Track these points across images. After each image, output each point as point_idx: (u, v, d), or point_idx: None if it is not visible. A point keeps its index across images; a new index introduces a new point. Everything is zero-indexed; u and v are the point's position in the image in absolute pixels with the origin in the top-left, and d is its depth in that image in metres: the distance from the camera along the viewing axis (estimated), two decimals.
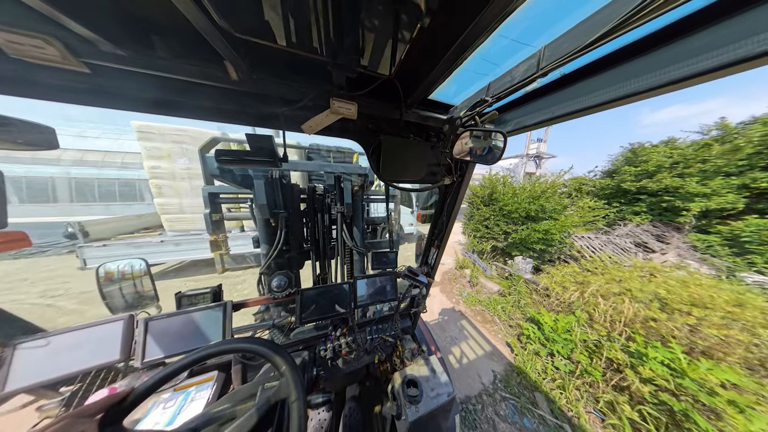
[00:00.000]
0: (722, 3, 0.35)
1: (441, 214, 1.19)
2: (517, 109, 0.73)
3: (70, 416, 0.36)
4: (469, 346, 3.01)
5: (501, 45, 0.56)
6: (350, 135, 0.79)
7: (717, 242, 5.87)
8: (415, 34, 0.43)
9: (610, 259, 4.73)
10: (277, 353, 0.51)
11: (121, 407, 0.41)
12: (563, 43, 0.50)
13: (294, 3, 0.36)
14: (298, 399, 0.47)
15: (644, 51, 0.44)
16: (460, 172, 0.99)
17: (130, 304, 1.01)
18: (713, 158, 6.37)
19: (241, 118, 0.67)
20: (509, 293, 4.09)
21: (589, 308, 2.97)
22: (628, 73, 0.46)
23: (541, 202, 4.89)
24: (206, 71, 0.53)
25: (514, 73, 0.62)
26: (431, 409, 0.92)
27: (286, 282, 1.20)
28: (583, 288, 3.28)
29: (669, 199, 6.46)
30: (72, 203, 7.86)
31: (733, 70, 0.36)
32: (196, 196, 4.63)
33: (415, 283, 1.25)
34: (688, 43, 0.39)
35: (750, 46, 0.33)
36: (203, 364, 1.04)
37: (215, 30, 0.40)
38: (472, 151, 0.78)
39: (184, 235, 4.62)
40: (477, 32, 0.43)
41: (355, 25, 0.40)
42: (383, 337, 1.31)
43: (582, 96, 0.55)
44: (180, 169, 4.63)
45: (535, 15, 0.49)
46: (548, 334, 2.78)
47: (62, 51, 0.42)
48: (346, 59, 0.47)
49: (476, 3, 0.38)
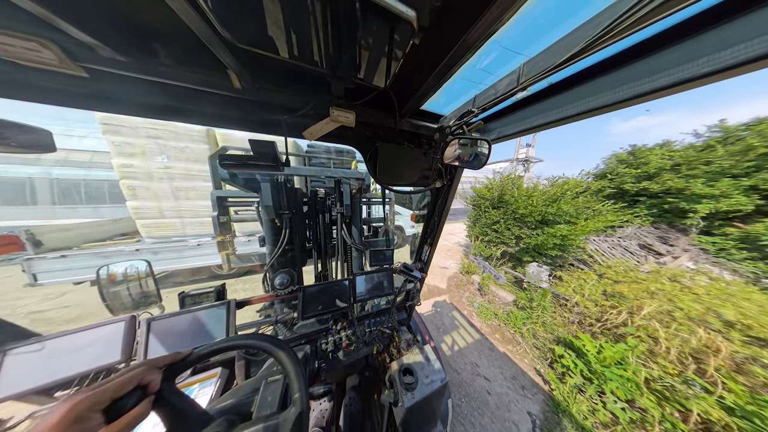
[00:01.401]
0: (677, 27, 0.37)
1: (433, 214, 1.20)
2: (500, 119, 0.75)
3: (145, 364, 0.40)
4: (496, 378, 2.23)
5: (485, 61, 0.57)
6: (349, 141, 0.79)
7: (732, 245, 5.01)
8: (407, 50, 0.43)
9: (626, 264, 3.82)
10: (281, 348, 0.50)
11: (179, 366, 0.43)
12: (540, 61, 0.51)
13: (295, 19, 0.36)
14: (300, 390, 0.46)
15: (610, 69, 0.46)
16: (449, 176, 1.00)
17: (133, 305, 0.95)
18: (719, 159, 5.57)
19: (245, 124, 0.65)
20: (529, 306, 3.21)
21: (641, 332, 2.15)
22: (597, 87, 0.48)
23: (560, 204, 4.13)
24: (209, 79, 0.51)
25: (497, 86, 0.63)
26: (426, 395, 0.91)
27: (288, 280, 1.18)
28: (619, 303, 2.50)
29: (672, 200, 5.70)
30: (54, 206, 5.95)
31: (688, 86, 0.38)
32: (178, 198, 3.73)
33: (410, 278, 1.25)
34: (644, 63, 0.41)
35: (697, 67, 0.35)
36: (206, 361, 1.00)
37: (219, 40, 0.39)
38: (460, 157, 0.79)
39: (164, 242, 3.71)
40: (464, 49, 0.44)
41: (353, 42, 0.40)
42: (381, 329, 1.29)
43: (558, 108, 0.56)
44: (158, 169, 3.56)
45: (516, 35, 0.50)
46: (594, 367, 2.03)
47: (59, 55, 0.39)
48: (344, 72, 0.47)
49: (463, 23, 0.39)
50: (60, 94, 0.48)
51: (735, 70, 0.33)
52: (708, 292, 2.47)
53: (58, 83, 0.46)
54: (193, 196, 3.76)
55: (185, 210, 3.77)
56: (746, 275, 4.44)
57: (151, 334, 0.82)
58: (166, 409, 0.40)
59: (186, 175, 3.68)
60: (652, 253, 5.09)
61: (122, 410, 0.34)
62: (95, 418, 0.31)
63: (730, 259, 4.91)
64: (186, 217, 3.79)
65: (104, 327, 0.79)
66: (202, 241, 3.79)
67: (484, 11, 0.35)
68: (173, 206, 3.75)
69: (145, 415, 0.36)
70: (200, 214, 3.82)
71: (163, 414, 0.40)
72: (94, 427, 0.31)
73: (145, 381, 0.38)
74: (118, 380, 0.35)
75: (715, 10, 0.33)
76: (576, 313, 2.89)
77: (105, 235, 4.34)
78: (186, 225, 3.83)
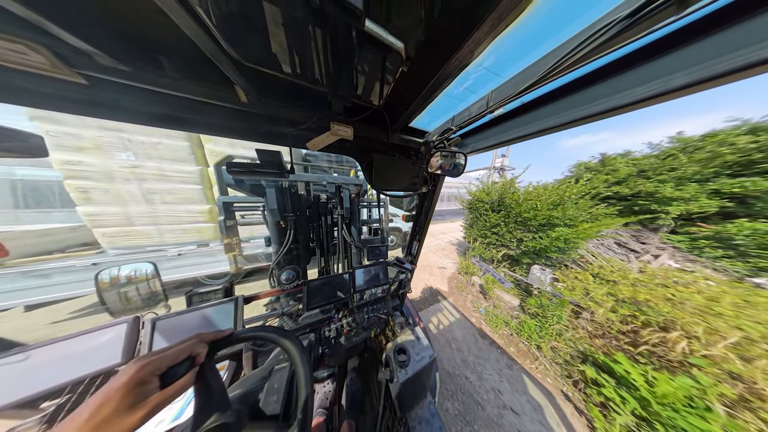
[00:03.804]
0: (611, 65, 0.41)
1: (420, 215, 1.23)
2: (474, 136, 0.79)
3: (196, 337, 0.38)
4: (524, 409, 1.68)
5: (461, 88, 0.60)
6: (347, 152, 0.78)
7: (705, 244, 4.74)
8: (397, 76, 0.44)
9: (615, 264, 3.25)
10: (287, 338, 0.48)
11: (222, 343, 0.41)
12: (504, 89, 0.55)
13: (298, 42, 0.35)
14: (305, 377, 0.44)
15: (559, 97, 0.50)
16: (433, 183, 1.04)
17: (138, 307, 0.85)
18: (684, 166, 5.60)
19: (251, 135, 0.62)
20: (543, 315, 2.58)
21: (712, 367, 1.36)
22: (549, 111, 0.53)
23: (566, 207, 3.65)
24: (216, 93, 0.48)
25: (471, 109, 0.67)
26: (417, 371, 0.92)
27: (294, 275, 1.14)
28: (641, 313, 1.85)
29: (643, 203, 5.51)
30: (17, 209, 3.66)
31: (625, 110, 0.41)
32: (152, 202, 2.80)
33: (402, 270, 1.27)
34: (588, 92, 0.46)
35: (641, 91, 0.38)
36: (215, 354, 0.93)
37: (225, 57, 0.37)
38: (442, 167, 0.82)
39: (135, 253, 2.75)
40: (444, 77, 0.45)
41: (350, 66, 0.40)
42: (378, 315, 1.29)
43: (522, 126, 0.60)
44: (121, 168, 2.63)
45: (486, 66, 0.53)
46: (656, 409, 1.29)
47: (51, 59, 0.34)
48: (343, 91, 0.47)
49: (443, 55, 0.40)
50: (57, 99, 0.42)
51: (655, 99, 0.36)
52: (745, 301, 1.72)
53: (55, 88, 0.40)
54: (172, 200, 2.86)
55: (162, 216, 2.85)
56: (728, 272, 3.98)
57: (156, 333, 0.74)
58: (202, 383, 0.38)
59: (161, 176, 2.76)
60: (629, 251, 4.69)
61: (174, 377, 0.33)
62: (153, 382, 0.30)
63: (707, 257, 4.53)
64: (164, 223, 2.88)
65: (103, 330, 0.70)
66: (185, 251, 2.86)
67: (460, 46, 0.37)
68: (146, 212, 2.78)
69: (189, 385, 0.35)
70: (183, 219, 2.93)
71: (198, 387, 0.38)
72: (151, 390, 0.30)
73: (195, 353, 0.36)
74: (174, 349, 0.34)
75: (653, 45, 0.36)
76: (591, 320, 2.24)
77: (57, 246, 3.21)
78: (164, 233, 2.92)
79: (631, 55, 0.38)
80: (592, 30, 0.35)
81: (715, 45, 0.30)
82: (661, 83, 0.35)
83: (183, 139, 2.83)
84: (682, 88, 0.34)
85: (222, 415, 0.40)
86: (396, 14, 0.34)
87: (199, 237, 3.09)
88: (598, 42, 0.35)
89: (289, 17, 0.30)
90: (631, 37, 0.33)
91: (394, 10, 0.33)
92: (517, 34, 0.39)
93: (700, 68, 0.32)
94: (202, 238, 3.11)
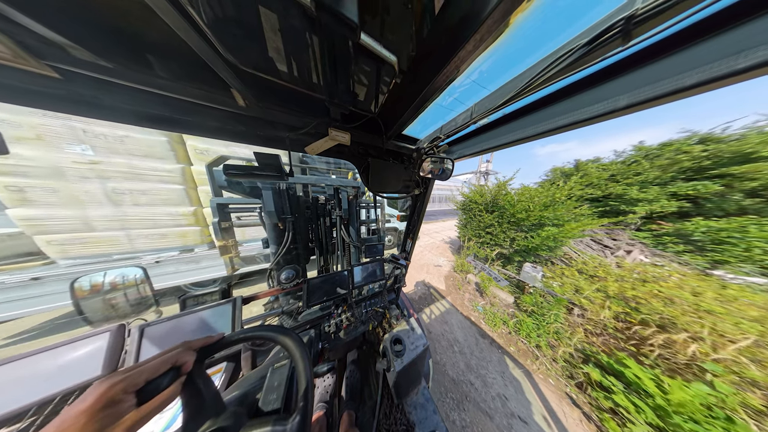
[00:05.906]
0: (580, 82, 0.42)
1: (413, 215, 1.23)
2: (461, 143, 0.80)
3: (183, 345, 0.34)
4: (530, 416, 1.52)
5: (450, 99, 0.61)
6: (345, 156, 0.75)
7: (668, 240, 4.82)
8: (391, 86, 0.43)
9: (596, 260, 3.17)
10: (283, 333, 0.43)
11: (211, 348, 0.37)
12: (486, 102, 0.56)
13: (296, 50, 0.32)
14: (305, 370, 0.40)
15: (533, 110, 0.52)
16: (424, 186, 1.04)
17: (125, 314, 0.72)
18: (647, 171, 5.82)
19: (250, 139, 0.57)
20: (539, 313, 2.39)
21: (726, 373, 1.17)
22: (525, 123, 0.55)
23: (557, 208, 3.60)
24: (213, 96, 0.43)
25: (457, 119, 0.68)
26: (413, 359, 0.91)
27: (294, 274, 1.07)
28: (636, 311, 1.65)
29: (613, 203, 5.65)
30: None
31: (585, 123, 0.44)
32: (120, 204, 2.15)
33: (397, 266, 1.26)
34: (557, 106, 0.48)
35: (597, 108, 0.40)
36: (212, 357, 0.83)
37: (221, 61, 0.33)
38: (432, 171, 0.83)
39: (96, 263, 2.12)
40: (433, 89, 0.45)
41: (347, 75, 0.39)
42: (375, 309, 1.26)
43: (502, 135, 0.62)
44: (75, 163, 1.97)
45: (472, 81, 0.54)
46: (676, 420, 1.05)
47: (12, 48, 0.28)
48: (340, 99, 0.45)
49: (431, 69, 0.40)
50: (23, 92, 0.34)
51: (631, 108, 0.38)
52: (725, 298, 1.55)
53: (19, 80, 0.33)
54: (147, 202, 2.22)
55: (133, 219, 2.20)
56: (695, 267, 3.90)
57: (145, 340, 0.63)
58: (190, 391, 0.33)
59: (130, 174, 2.13)
60: (605, 248, 4.62)
61: (155, 391, 0.28)
62: (128, 400, 0.25)
63: (671, 251, 4.54)
64: (136, 228, 2.23)
65: (82, 342, 0.58)
66: (165, 257, 2.30)
67: (447, 62, 0.36)
68: (112, 215, 2.13)
69: (175, 396, 0.30)
70: (161, 223, 2.30)
71: (186, 396, 0.33)
72: (125, 409, 0.24)
73: (180, 362, 0.31)
74: (154, 362, 0.29)
75: (605, 70, 0.38)
76: (587, 318, 2.09)
77: None
78: (135, 238, 2.25)
79: (589, 77, 0.41)
80: (558, 54, 0.38)
81: (654, 71, 0.34)
82: (610, 103, 0.39)
83: (160, 134, 2.22)
84: (627, 107, 0.38)
85: (217, 419, 0.36)
86: (389, 30, 0.33)
87: (182, 242, 2.49)
88: (563, 64, 0.37)
89: (287, 25, 0.28)
90: (588, 62, 0.36)
91: (388, 26, 0.33)
92: (497, 53, 0.40)
93: (643, 90, 0.35)
94: (185, 243, 2.48)
